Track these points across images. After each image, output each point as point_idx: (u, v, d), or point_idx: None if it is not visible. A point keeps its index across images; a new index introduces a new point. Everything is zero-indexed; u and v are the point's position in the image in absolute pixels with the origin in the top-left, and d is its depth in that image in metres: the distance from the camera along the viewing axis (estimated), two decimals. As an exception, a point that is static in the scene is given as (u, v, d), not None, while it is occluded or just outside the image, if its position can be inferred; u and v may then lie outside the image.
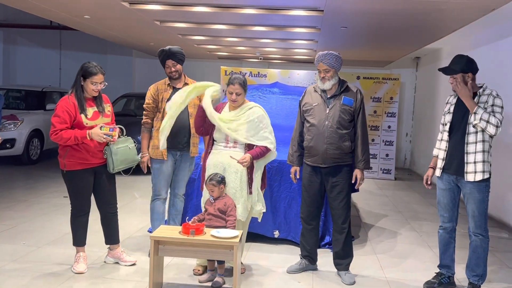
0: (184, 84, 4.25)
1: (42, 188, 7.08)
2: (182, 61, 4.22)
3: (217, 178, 3.64)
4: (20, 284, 3.57)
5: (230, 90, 3.78)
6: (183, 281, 3.78)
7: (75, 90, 3.75)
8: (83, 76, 3.74)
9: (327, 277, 4.01)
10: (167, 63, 4.15)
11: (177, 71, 4.18)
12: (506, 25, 6.37)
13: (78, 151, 3.72)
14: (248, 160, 3.69)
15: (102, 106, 3.87)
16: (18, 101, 10.05)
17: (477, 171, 3.55)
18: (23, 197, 6.44)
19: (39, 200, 6.30)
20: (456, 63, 3.63)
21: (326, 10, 5.84)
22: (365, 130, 3.93)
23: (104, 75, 3.79)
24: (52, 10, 6.77)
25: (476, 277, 3.69)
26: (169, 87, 4.20)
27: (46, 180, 7.66)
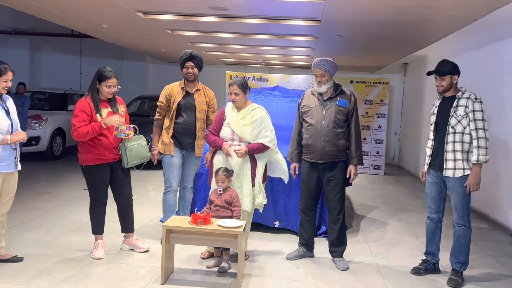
0: (196, 90, 4.21)
1: (64, 181, 7.08)
2: (200, 66, 4.18)
3: (227, 171, 3.65)
4: (44, 268, 3.58)
5: (230, 91, 3.83)
6: (192, 266, 3.78)
7: (91, 93, 3.74)
8: (99, 80, 3.73)
9: (323, 263, 4.00)
10: (187, 64, 4.11)
11: (193, 74, 4.13)
12: (486, 35, 6.34)
13: (95, 147, 3.71)
14: (243, 152, 3.71)
15: (116, 107, 3.86)
16: (43, 102, 10.05)
17: (457, 168, 3.55)
18: (47, 189, 6.44)
19: (61, 192, 6.30)
20: (444, 66, 3.63)
21: (322, 20, 5.81)
22: (358, 130, 3.93)
23: (117, 79, 3.79)
24: (74, 19, 6.76)
25: (459, 264, 3.67)
26: (182, 91, 4.17)
27: (68, 174, 7.66)
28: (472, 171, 3.49)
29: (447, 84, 3.61)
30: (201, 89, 4.25)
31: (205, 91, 4.28)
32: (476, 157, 3.46)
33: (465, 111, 3.51)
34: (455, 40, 7.17)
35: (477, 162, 3.46)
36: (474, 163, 3.47)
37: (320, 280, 3.64)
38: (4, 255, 3.63)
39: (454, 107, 3.57)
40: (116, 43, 9.42)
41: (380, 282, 3.66)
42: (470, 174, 3.51)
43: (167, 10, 5.88)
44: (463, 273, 3.71)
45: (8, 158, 3.43)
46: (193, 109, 4.16)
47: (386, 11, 5.10)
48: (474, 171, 3.49)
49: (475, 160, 3.46)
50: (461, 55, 7.12)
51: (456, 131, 3.54)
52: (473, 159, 3.47)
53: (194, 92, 4.20)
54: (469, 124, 3.50)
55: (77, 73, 13.08)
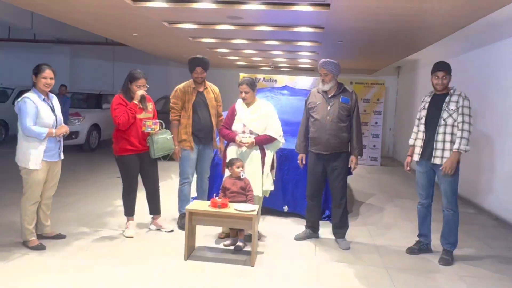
0: (205, 88, 4.17)
1: (99, 170, 7.12)
2: (207, 69, 4.14)
3: (239, 160, 3.66)
4: (83, 244, 3.60)
5: (240, 90, 3.80)
6: (211, 244, 3.76)
7: (123, 92, 3.76)
8: (130, 81, 3.74)
9: (327, 243, 3.95)
10: (197, 69, 4.06)
11: (202, 78, 4.10)
12: (471, 41, 6.18)
13: (126, 140, 3.72)
14: (250, 143, 3.70)
15: (145, 104, 3.85)
16: (81, 101, 10.10)
17: (444, 157, 3.48)
18: (84, 177, 6.48)
19: (97, 179, 6.34)
20: (447, 66, 3.57)
21: (326, 28, 5.71)
22: (359, 124, 3.86)
23: (146, 79, 3.79)
24: (108, 29, 6.76)
25: (449, 245, 3.60)
26: (194, 91, 4.11)
27: (103, 164, 7.70)
28: (451, 156, 3.43)
29: (447, 82, 3.55)
30: (208, 87, 4.21)
31: (211, 88, 4.24)
32: (457, 145, 3.40)
33: (457, 106, 3.46)
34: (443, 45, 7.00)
35: (458, 150, 3.40)
36: (455, 150, 3.41)
37: (325, 258, 3.59)
38: (50, 233, 3.67)
39: (447, 102, 3.50)
40: (144, 49, 9.41)
41: (378, 260, 3.60)
42: (448, 158, 3.43)
43: (189, 19, 5.83)
44: (453, 252, 3.63)
45: (53, 149, 3.45)
46: (206, 106, 4.12)
47: (383, 19, 4.98)
48: (452, 156, 3.42)
49: (456, 148, 3.40)
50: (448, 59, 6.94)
51: (447, 123, 3.48)
52: (455, 147, 3.41)
53: (204, 91, 4.15)
54: (458, 117, 3.44)
55: (111, 76, 13.14)
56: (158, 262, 3.31)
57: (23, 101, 3.30)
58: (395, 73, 11.34)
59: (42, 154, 3.35)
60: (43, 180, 3.44)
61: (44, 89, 3.40)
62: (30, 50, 12.48)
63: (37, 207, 3.51)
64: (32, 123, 3.28)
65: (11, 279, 2.89)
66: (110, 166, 7.47)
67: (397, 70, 11.22)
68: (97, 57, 13.19)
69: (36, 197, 3.44)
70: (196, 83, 4.13)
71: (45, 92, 3.44)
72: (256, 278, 3.13)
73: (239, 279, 3.09)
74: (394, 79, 11.39)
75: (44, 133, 3.30)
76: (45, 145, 3.36)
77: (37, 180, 3.38)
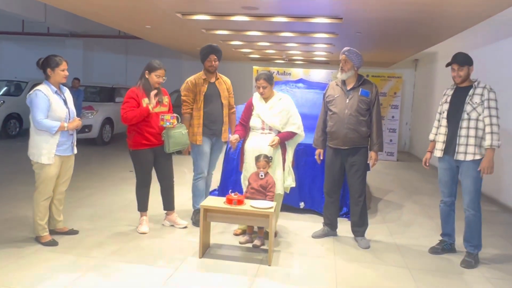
0: (216, 79, 4.05)
1: (112, 164, 7.09)
2: (220, 58, 4.02)
3: (267, 157, 3.51)
4: (96, 240, 3.54)
5: (258, 84, 3.65)
6: (226, 242, 3.66)
7: (142, 82, 3.68)
8: (148, 70, 3.67)
9: (346, 242, 3.81)
10: (210, 57, 3.92)
11: (215, 66, 3.97)
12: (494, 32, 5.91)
13: (141, 134, 3.65)
14: (276, 142, 3.55)
15: (162, 97, 3.76)
16: (94, 95, 10.10)
17: (468, 153, 3.29)
18: (98, 170, 6.45)
19: (110, 173, 6.30)
20: (463, 57, 3.37)
21: (345, 18, 5.51)
22: (379, 118, 3.69)
23: (165, 70, 3.72)
24: (121, 21, 6.68)
25: (472, 247, 3.42)
26: (205, 82, 3.98)
27: (116, 158, 7.68)
28: (486, 155, 3.24)
29: (465, 74, 3.35)
30: (219, 78, 4.10)
31: (222, 79, 4.13)
32: (489, 142, 3.20)
33: (481, 99, 3.27)
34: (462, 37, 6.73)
35: (491, 146, 3.21)
36: (488, 147, 3.21)
37: (343, 257, 3.46)
38: (62, 228, 3.62)
39: (470, 95, 3.31)
40: (157, 42, 9.33)
41: (400, 260, 3.45)
42: (483, 158, 3.25)
43: (203, 10, 5.69)
44: (478, 254, 3.45)
45: (66, 143, 3.38)
46: (219, 97, 4.01)
47: (403, 8, 4.77)
48: (487, 155, 3.23)
49: (488, 145, 3.20)
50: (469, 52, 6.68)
51: (470, 117, 3.29)
52: (487, 144, 3.21)
53: (215, 82, 4.04)
54: (483, 111, 3.25)
55: (124, 70, 13.15)
56: (172, 260, 3.22)
57: (35, 94, 3.24)
58: (412, 66, 11.05)
59: (55, 148, 3.28)
60: (56, 175, 3.38)
61: (62, 81, 3.37)
62: (44, 44, 12.56)
63: (50, 202, 3.46)
64: (44, 116, 3.22)
65: (23, 276, 2.84)
66: (123, 160, 7.45)
67: (415, 63, 10.93)
68: (110, 51, 13.19)
69: (49, 192, 3.38)
70: (208, 72, 4.00)
71: (58, 84, 3.37)
72: (274, 277, 3.02)
73: (256, 278, 2.98)
74: (411, 72, 11.10)
75: (56, 126, 3.24)
76: (58, 139, 3.29)
77: (50, 175, 3.32)
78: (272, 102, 3.67)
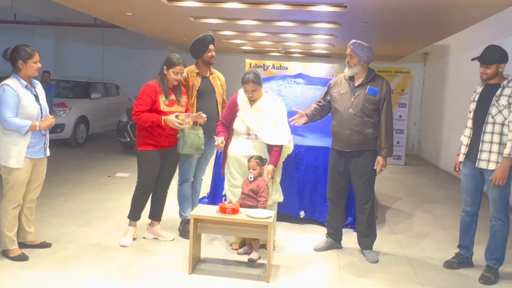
0: (210, 73, 4.05)
1: (88, 168, 7.02)
2: None
3: (259, 159, 3.50)
4: (71, 254, 3.49)
5: (246, 89, 3.59)
6: (219, 255, 3.64)
7: (160, 78, 3.68)
8: (167, 66, 3.66)
9: (352, 255, 3.81)
10: (210, 47, 3.93)
11: (214, 57, 3.98)
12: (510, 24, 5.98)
13: (151, 133, 3.65)
14: (273, 173, 3.54)
15: (180, 96, 3.76)
16: (67, 90, 9.99)
17: (491, 161, 3.28)
18: (72, 176, 6.37)
19: (86, 179, 6.23)
20: (491, 54, 3.31)
21: (349, 6, 5.53)
22: (390, 120, 3.67)
23: (185, 66, 3.70)
24: (99, 8, 6.62)
25: (493, 260, 3.42)
26: (198, 76, 3.98)
27: (92, 161, 7.61)
28: (501, 164, 3.20)
29: (492, 72, 3.31)
30: (213, 72, 4.11)
31: (216, 74, 4.14)
32: (508, 150, 3.15)
33: (508, 101, 3.21)
34: (478, 29, 6.81)
35: (509, 155, 3.16)
36: (506, 156, 3.17)
37: (349, 272, 3.46)
38: (33, 241, 3.56)
39: (497, 96, 3.27)
40: (139, 31, 9.28)
41: (412, 276, 3.46)
42: (498, 166, 3.23)
43: (191, -4, 5.68)
44: (498, 269, 3.47)
45: (38, 144, 3.33)
46: (213, 93, 4.01)
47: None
48: (503, 164, 3.19)
49: (507, 153, 3.16)
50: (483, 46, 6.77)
51: (496, 121, 3.26)
52: (505, 152, 3.17)
53: (209, 76, 4.03)
54: (509, 114, 3.20)
55: (100, 63, 13.05)
56: (158, 276, 3.19)
57: (2, 89, 3.18)
58: (421, 60, 11.14)
59: (25, 150, 3.23)
60: (26, 180, 3.32)
61: (34, 74, 3.33)
62: (10, 32, 12.38)
63: (19, 211, 3.39)
64: (13, 115, 3.17)
65: (-11, 295, 2.78)
66: (100, 163, 7.38)
67: (424, 56, 11.03)
68: (85, 41, 13.08)
69: (18, 200, 3.32)
70: (206, 65, 4.00)
71: (28, 78, 3.32)
72: (273, 296, 3.00)
73: (252, 297, 2.96)
74: (420, 67, 11.20)
75: (26, 126, 3.19)
76: (28, 140, 3.24)
77: (20, 180, 3.26)
78: (259, 106, 3.62)
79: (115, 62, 12.97)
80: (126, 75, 12.57)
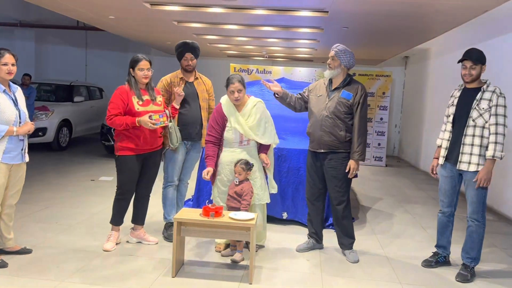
0: (195, 78, 4.06)
1: (71, 172, 6.92)
2: (198, 56, 4.03)
3: (246, 164, 3.53)
4: (53, 260, 3.44)
5: (231, 89, 3.53)
6: (202, 257, 3.64)
7: (129, 80, 3.66)
8: (132, 67, 3.64)
9: (333, 255, 3.86)
10: (186, 55, 3.94)
11: (192, 65, 3.99)
12: (490, 28, 6.15)
13: (129, 137, 3.61)
14: (267, 160, 3.67)
15: (154, 95, 3.74)
16: (49, 93, 9.85)
17: (472, 163, 3.37)
18: (55, 180, 6.28)
19: (69, 183, 6.15)
20: (477, 53, 3.39)
21: (331, 11, 5.61)
22: (363, 124, 3.69)
23: (149, 62, 3.67)
24: (81, 10, 6.55)
25: (469, 259, 3.52)
26: (181, 81, 3.99)
27: (75, 165, 7.51)
28: (485, 165, 3.30)
29: (476, 73, 3.39)
30: (199, 78, 4.12)
31: (202, 79, 4.15)
32: (492, 152, 3.26)
33: (489, 105, 3.30)
34: (457, 33, 6.98)
35: (492, 157, 3.27)
36: (489, 158, 3.27)
37: (331, 272, 3.50)
38: (13, 247, 3.49)
39: (478, 100, 3.36)
40: (122, 35, 9.20)
41: (392, 275, 3.52)
42: (482, 168, 3.32)
43: (174, 0, 5.67)
44: (474, 268, 3.56)
45: (15, 149, 3.26)
46: (196, 98, 4.02)
47: (395, 1, 4.90)
48: (486, 166, 3.30)
49: (490, 155, 3.27)
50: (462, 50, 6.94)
51: (476, 124, 3.34)
52: (488, 154, 3.27)
53: (194, 81, 4.05)
54: (490, 118, 3.29)
55: (83, 65, 12.88)
56: (141, 280, 3.17)
57: (-22, 94, 3.12)
58: (402, 64, 11.34)
59: (1, 155, 3.17)
60: (4, 186, 3.26)
61: (6, 77, 3.23)
62: (-11, 35, 12.16)
63: (-2, 217, 3.34)
64: (-11, 120, 3.11)
65: (-32, 302, 2.72)
66: (83, 167, 7.29)
67: (405, 60, 11.23)
68: (67, 43, 12.90)
69: (-4, 206, 3.26)
70: (186, 72, 4.01)
71: (6, 82, 3.27)
72: (255, 297, 3.02)
73: (235, 299, 2.97)
74: (401, 71, 11.40)
75: (3, 131, 3.13)
76: (5, 145, 3.18)
77: (-4, 186, 3.20)
78: (247, 110, 3.61)
79: (99, 64, 12.83)
80: (109, 78, 12.46)
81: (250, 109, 3.61)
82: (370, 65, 11.69)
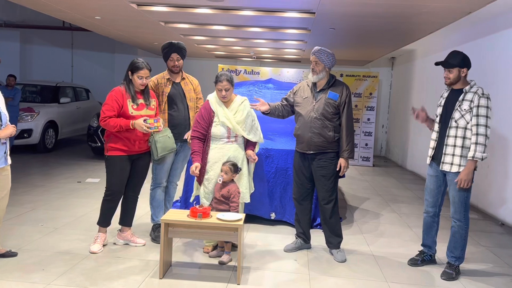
0: (182, 78, 4.07)
1: (57, 174, 6.85)
2: (184, 57, 4.02)
3: (234, 165, 3.54)
4: (39, 262, 3.40)
5: (219, 87, 3.58)
6: (190, 259, 3.63)
7: (126, 83, 3.64)
8: (131, 71, 3.62)
9: (321, 255, 3.89)
10: (172, 56, 3.93)
11: (179, 66, 3.98)
12: (475, 29, 6.26)
13: (120, 139, 3.60)
14: (255, 155, 3.68)
15: (149, 100, 3.72)
16: (34, 95, 9.72)
17: (454, 164, 3.41)
18: (40, 182, 6.20)
19: (55, 185, 6.08)
20: (453, 57, 3.44)
21: (317, 13, 5.65)
22: (350, 122, 3.76)
23: (150, 70, 3.66)
24: (66, 11, 6.49)
25: (454, 258, 3.57)
26: (168, 82, 3.99)
27: (61, 167, 7.42)
28: (466, 166, 3.32)
29: (454, 76, 3.43)
30: (186, 78, 4.13)
31: (189, 79, 4.16)
32: (472, 153, 3.29)
33: (470, 106, 3.34)
34: (443, 34, 7.09)
35: (473, 158, 3.29)
36: (470, 158, 3.30)
37: (318, 272, 3.53)
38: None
39: (460, 101, 3.40)
40: (108, 35, 9.13)
41: (379, 273, 3.56)
42: (463, 169, 3.35)
43: (161, 1, 5.65)
44: (459, 266, 3.61)
45: (-3, 153, 3.22)
46: (183, 98, 4.02)
47: (381, 3, 4.97)
48: (467, 167, 3.32)
49: (470, 156, 3.29)
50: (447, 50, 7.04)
51: (459, 125, 3.38)
52: (469, 155, 3.30)
53: (181, 82, 4.05)
54: (471, 119, 3.33)
55: (69, 66, 12.75)
56: (128, 282, 3.16)
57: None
58: (388, 65, 11.46)
59: (-17, 159, 3.13)
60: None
61: None
62: (-28, 35, 11.96)
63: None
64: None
65: (-49, 307, 2.68)
66: (69, 169, 7.21)
67: (391, 61, 11.35)
68: (53, 44, 12.76)
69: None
70: (172, 72, 4.01)
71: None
72: (243, 298, 3.03)
73: (223, 299, 2.98)
74: (388, 71, 11.52)
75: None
76: (-15, 149, 3.14)
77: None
78: (234, 107, 3.67)
79: (85, 65, 12.71)
80: (96, 79, 12.36)
81: (238, 106, 3.68)
82: (357, 66, 11.80)
